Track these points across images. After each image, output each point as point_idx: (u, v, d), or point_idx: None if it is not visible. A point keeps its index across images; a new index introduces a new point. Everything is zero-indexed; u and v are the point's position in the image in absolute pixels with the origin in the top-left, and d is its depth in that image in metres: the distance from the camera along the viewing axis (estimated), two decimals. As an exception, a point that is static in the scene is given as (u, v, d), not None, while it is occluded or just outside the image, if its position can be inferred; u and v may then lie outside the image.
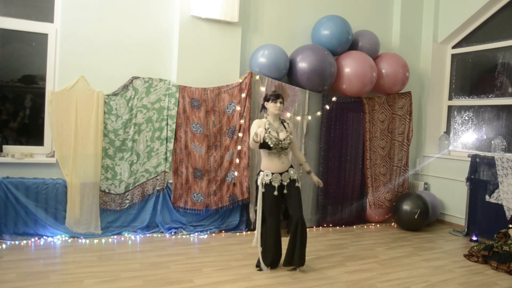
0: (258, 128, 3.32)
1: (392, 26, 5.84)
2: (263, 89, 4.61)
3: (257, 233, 3.48)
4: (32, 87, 4.26)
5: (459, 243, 4.70)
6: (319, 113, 4.96)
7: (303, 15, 5.17)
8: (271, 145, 3.38)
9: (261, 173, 3.47)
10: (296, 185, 3.50)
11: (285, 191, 3.45)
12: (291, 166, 3.56)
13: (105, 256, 3.62)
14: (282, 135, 3.45)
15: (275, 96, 3.46)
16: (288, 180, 3.48)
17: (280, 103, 3.46)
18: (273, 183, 3.42)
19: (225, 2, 4.45)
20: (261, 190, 3.42)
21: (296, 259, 3.42)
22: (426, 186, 5.74)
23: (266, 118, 3.52)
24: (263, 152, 3.48)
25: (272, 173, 3.43)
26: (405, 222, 5.06)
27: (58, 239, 3.96)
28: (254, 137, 3.20)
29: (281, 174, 3.45)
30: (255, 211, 3.62)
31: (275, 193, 3.40)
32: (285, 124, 3.57)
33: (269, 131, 3.41)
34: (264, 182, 3.42)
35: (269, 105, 3.48)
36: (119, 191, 4.24)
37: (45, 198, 3.93)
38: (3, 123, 4.18)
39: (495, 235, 4.14)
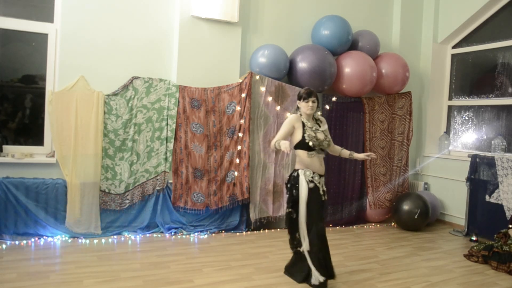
0: (284, 141, 2.92)
1: (392, 26, 5.84)
2: (263, 89, 4.61)
3: (305, 241, 3.07)
4: (32, 87, 4.26)
5: (459, 243, 4.70)
6: (319, 113, 4.95)
7: (303, 15, 5.17)
8: (313, 146, 3.08)
9: (301, 171, 3.11)
10: (324, 198, 3.17)
11: (324, 198, 3.13)
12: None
13: (105, 256, 3.62)
14: (320, 136, 3.15)
15: (307, 94, 3.13)
16: (324, 188, 3.18)
17: (313, 102, 3.13)
18: (315, 181, 3.08)
19: (225, 2, 4.45)
20: (305, 188, 3.04)
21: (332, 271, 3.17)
22: (426, 186, 5.74)
23: (300, 115, 3.20)
24: (300, 153, 3.14)
25: (314, 172, 3.11)
26: (405, 222, 5.06)
27: (58, 239, 3.96)
28: (276, 145, 2.92)
29: (320, 176, 3.14)
30: (289, 213, 3.17)
31: (321, 192, 3.08)
32: (319, 122, 3.27)
33: (309, 131, 3.10)
34: (307, 179, 3.06)
35: (301, 105, 3.16)
36: (119, 191, 4.24)
37: (45, 198, 3.92)
38: (3, 123, 4.18)
39: (495, 235, 4.14)
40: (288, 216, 3.20)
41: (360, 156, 3.37)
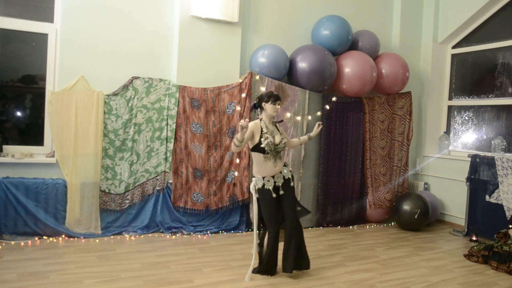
0: (242, 122, 3.08)
1: (392, 26, 5.84)
2: (263, 89, 4.61)
3: (255, 240, 3.39)
4: (32, 87, 4.26)
5: (459, 243, 4.70)
6: (319, 113, 4.95)
7: (303, 15, 5.17)
8: (268, 150, 3.28)
9: (253, 179, 3.38)
10: (291, 184, 3.39)
11: (281, 192, 3.33)
12: (285, 165, 3.45)
13: (105, 256, 3.61)
14: (277, 139, 3.36)
15: (275, 98, 3.35)
16: (282, 180, 3.36)
17: (279, 105, 3.39)
18: (266, 186, 3.31)
19: (225, 2, 4.45)
20: (255, 196, 3.33)
21: (290, 263, 3.30)
22: (426, 186, 5.74)
23: (260, 119, 3.39)
24: (256, 156, 3.35)
25: (263, 177, 3.33)
26: (405, 222, 5.06)
27: (58, 239, 3.96)
28: (236, 138, 3.15)
29: (273, 176, 3.34)
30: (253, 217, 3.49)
31: (274, 195, 3.29)
32: (277, 125, 3.50)
33: (267, 136, 3.30)
34: (257, 188, 3.33)
35: (268, 106, 3.34)
36: (119, 191, 4.24)
37: (45, 198, 3.93)
38: (3, 123, 4.18)
39: (495, 235, 4.14)
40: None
41: (315, 132, 3.73)
